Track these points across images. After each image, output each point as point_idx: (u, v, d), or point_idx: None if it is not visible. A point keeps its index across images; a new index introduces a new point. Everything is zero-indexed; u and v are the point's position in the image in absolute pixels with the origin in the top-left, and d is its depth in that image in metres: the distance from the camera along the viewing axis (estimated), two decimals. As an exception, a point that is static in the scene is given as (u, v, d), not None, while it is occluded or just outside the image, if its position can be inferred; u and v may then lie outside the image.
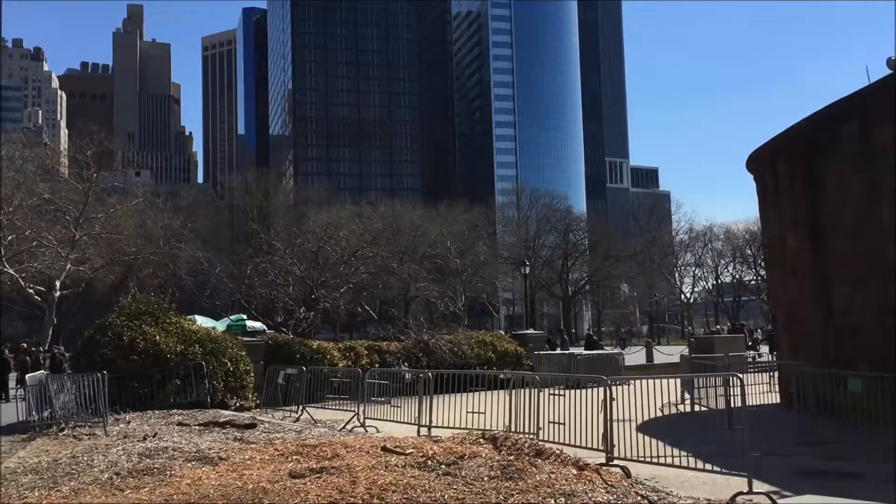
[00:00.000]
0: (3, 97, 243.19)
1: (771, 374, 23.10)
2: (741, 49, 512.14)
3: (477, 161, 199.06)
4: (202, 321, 26.48)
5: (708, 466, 11.17)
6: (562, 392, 14.14)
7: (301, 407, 19.81)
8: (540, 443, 12.46)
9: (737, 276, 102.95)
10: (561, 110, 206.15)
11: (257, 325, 34.62)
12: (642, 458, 11.74)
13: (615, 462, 11.73)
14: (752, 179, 24.46)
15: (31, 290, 52.96)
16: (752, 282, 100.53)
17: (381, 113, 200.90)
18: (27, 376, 19.93)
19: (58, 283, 53.35)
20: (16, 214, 51.35)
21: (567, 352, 34.14)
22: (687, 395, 20.22)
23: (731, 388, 13.35)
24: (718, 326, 79.30)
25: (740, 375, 11.94)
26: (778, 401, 21.14)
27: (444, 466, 10.50)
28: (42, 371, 23.87)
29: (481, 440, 12.55)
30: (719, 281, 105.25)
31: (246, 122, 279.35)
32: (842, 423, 15.49)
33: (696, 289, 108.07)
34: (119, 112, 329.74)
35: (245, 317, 36.02)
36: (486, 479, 9.81)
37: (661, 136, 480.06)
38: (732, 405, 13.10)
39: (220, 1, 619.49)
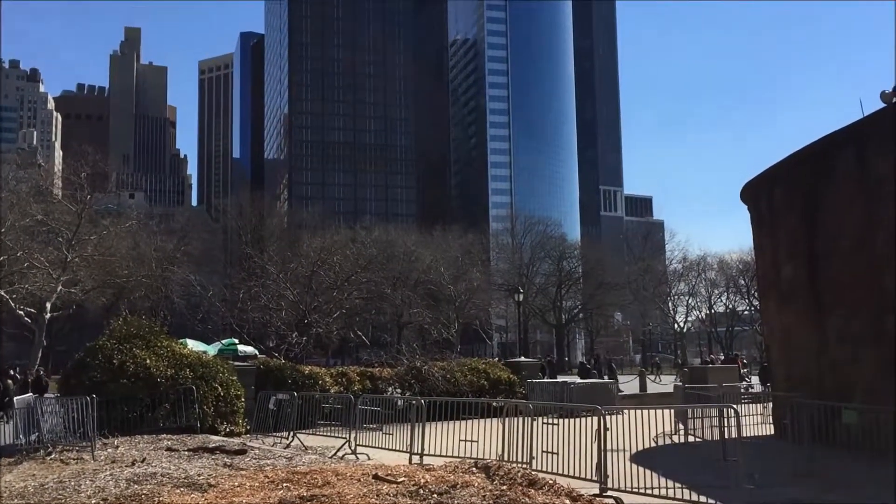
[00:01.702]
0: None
1: (765, 404, 23.01)
2: (735, 80, 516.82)
3: (472, 187, 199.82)
4: (193, 345, 26.30)
5: (703, 499, 11.03)
6: (555, 421, 14.04)
7: (292, 433, 19.63)
8: (533, 472, 12.33)
9: (730, 307, 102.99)
10: (556, 137, 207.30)
11: (249, 349, 34.43)
12: (636, 490, 11.61)
13: (609, 493, 11.61)
14: (746, 210, 24.51)
15: (21, 312, 52.61)
16: (746, 312, 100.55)
17: (377, 137, 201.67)
18: (15, 399, 19.75)
19: (48, 305, 53.03)
20: (8, 235, 51.13)
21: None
22: (681, 426, 20.10)
23: (726, 420, 13.26)
24: (712, 356, 79.14)
25: (735, 407, 11.87)
26: (772, 432, 21.03)
27: (436, 496, 10.37)
28: (30, 394, 23.64)
29: (474, 469, 12.43)
30: (712, 311, 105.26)
31: (241, 146, 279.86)
32: (837, 454, 15.39)
33: (689, 318, 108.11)
34: (114, 134, 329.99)
35: (237, 341, 35.83)
36: (478, 509, 9.67)
37: (656, 165, 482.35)
38: (727, 436, 13.00)
39: (218, 25, 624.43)
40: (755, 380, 45.75)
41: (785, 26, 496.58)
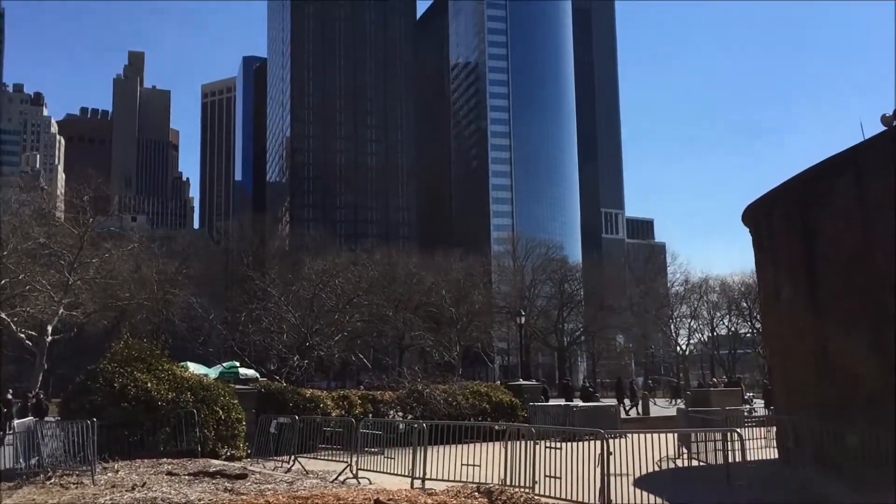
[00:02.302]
0: (2, 141, 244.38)
1: (768, 428, 22.88)
2: (737, 101, 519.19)
3: (473, 209, 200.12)
4: (194, 368, 26.25)
5: (707, 523, 10.98)
6: (558, 445, 13.97)
7: (293, 457, 19.53)
8: (536, 497, 12.27)
9: (732, 329, 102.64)
10: (557, 160, 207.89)
11: (250, 372, 34.33)
12: (640, 514, 11.53)
13: (612, 518, 11.52)
14: (747, 232, 24.51)
15: (22, 335, 52.49)
16: (748, 334, 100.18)
17: (378, 160, 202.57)
18: (15, 423, 19.68)
19: (50, 328, 52.93)
20: (10, 258, 51.15)
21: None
22: (684, 450, 19.99)
23: (730, 444, 13.19)
24: (715, 379, 78.81)
25: (739, 430, 11.82)
26: (776, 455, 20.89)
27: (438, 521, 10.30)
28: (30, 417, 23.57)
29: (476, 494, 12.36)
30: (715, 333, 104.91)
31: (243, 169, 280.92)
32: (840, 477, 15.28)
33: (691, 341, 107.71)
34: (117, 157, 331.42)
35: (238, 364, 35.73)
36: (480, 534, 9.61)
37: (657, 187, 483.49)
38: (731, 460, 12.93)
39: (221, 49, 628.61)
40: (758, 402, 45.55)
41: (788, 48, 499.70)
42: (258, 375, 35.55)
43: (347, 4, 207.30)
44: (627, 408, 45.72)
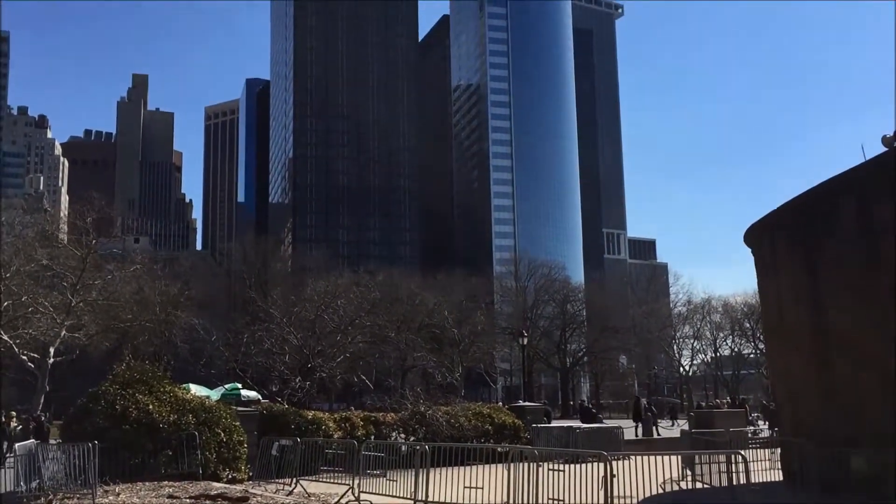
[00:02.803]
0: (6, 164, 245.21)
1: (773, 450, 22.76)
2: (739, 121, 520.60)
3: (475, 230, 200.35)
4: (196, 390, 26.22)
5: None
6: (561, 467, 13.89)
7: (295, 479, 19.43)
8: (539, 520, 12.18)
9: (736, 350, 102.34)
10: (559, 181, 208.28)
11: (252, 394, 34.32)
12: (644, 538, 11.45)
13: (616, 541, 11.43)
14: (750, 253, 24.49)
15: (24, 357, 52.37)
16: (751, 355, 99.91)
17: (381, 181, 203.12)
18: (16, 445, 19.62)
19: (52, 350, 52.80)
20: (13, 280, 51.14)
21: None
22: (688, 472, 19.86)
23: (735, 466, 13.11)
24: (718, 400, 78.46)
25: (743, 453, 11.76)
26: (781, 477, 20.76)
27: (440, 544, 10.23)
28: (32, 440, 23.48)
29: (479, 517, 12.28)
30: (718, 354, 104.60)
31: (246, 190, 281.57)
32: (846, 500, 15.18)
33: (694, 361, 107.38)
34: (121, 179, 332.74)
35: (240, 386, 35.73)
36: (483, 558, 9.54)
37: (659, 208, 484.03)
38: (735, 482, 12.85)
39: (224, 72, 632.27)
40: (762, 424, 45.33)
41: (792, 69, 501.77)
42: (260, 397, 35.51)
43: (350, 26, 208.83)
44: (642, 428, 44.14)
